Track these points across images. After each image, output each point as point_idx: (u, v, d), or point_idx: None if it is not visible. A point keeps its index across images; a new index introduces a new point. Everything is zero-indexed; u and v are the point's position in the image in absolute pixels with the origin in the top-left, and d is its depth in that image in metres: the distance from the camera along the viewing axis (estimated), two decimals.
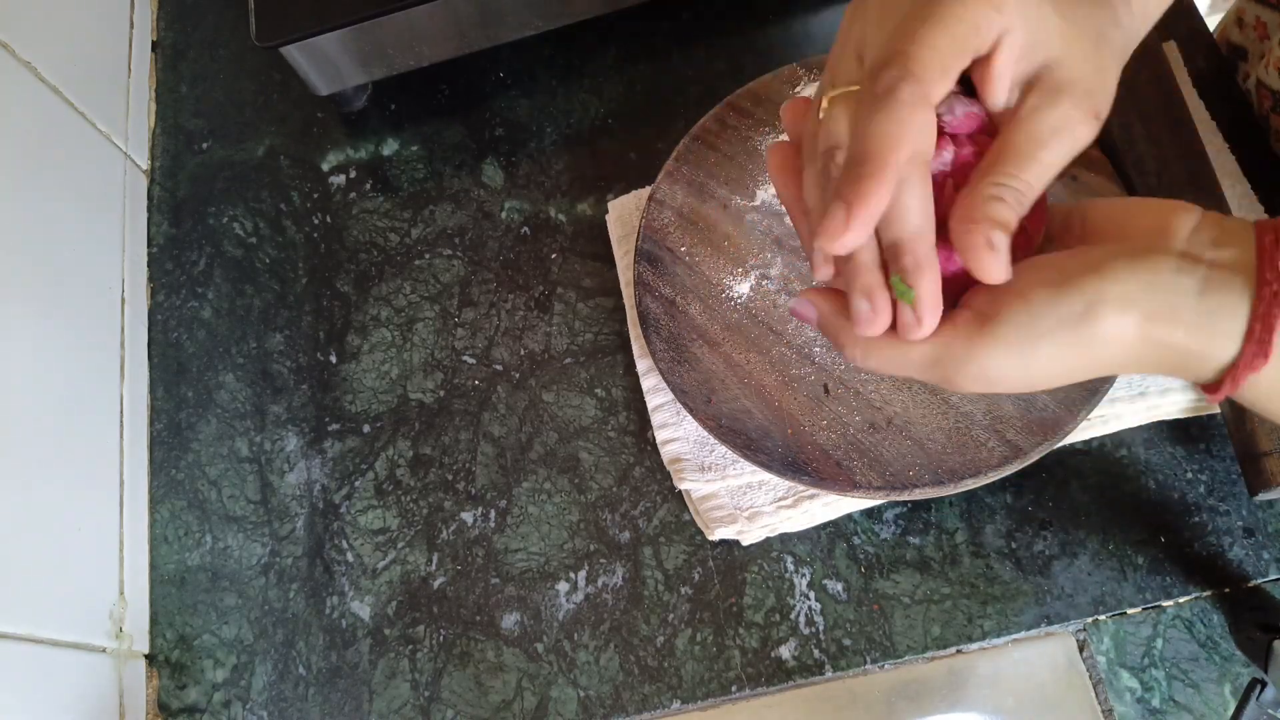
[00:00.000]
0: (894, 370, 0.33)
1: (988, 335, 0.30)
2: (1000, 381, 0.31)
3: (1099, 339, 0.29)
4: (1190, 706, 0.48)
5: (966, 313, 0.31)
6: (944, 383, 0.32)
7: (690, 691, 0.51)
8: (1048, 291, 0.29)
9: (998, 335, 0.30)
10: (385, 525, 0.57)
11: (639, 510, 0.55)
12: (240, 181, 0.67)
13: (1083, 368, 0.30)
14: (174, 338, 0.63)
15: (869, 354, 0.33)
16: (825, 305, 0.34)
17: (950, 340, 0.31)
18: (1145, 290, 0.29)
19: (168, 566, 0.58)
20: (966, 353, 0.30)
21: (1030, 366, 0.30)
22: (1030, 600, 0.50)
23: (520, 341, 0.60)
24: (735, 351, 0.53)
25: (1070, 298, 0.29)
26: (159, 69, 0.71)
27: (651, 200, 0.56)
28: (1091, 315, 0.29)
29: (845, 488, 0.48)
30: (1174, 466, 0.51)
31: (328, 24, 0.56)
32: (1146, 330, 0.29)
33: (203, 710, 0.54)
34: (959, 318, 0.31)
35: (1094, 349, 0.29)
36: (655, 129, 0.63)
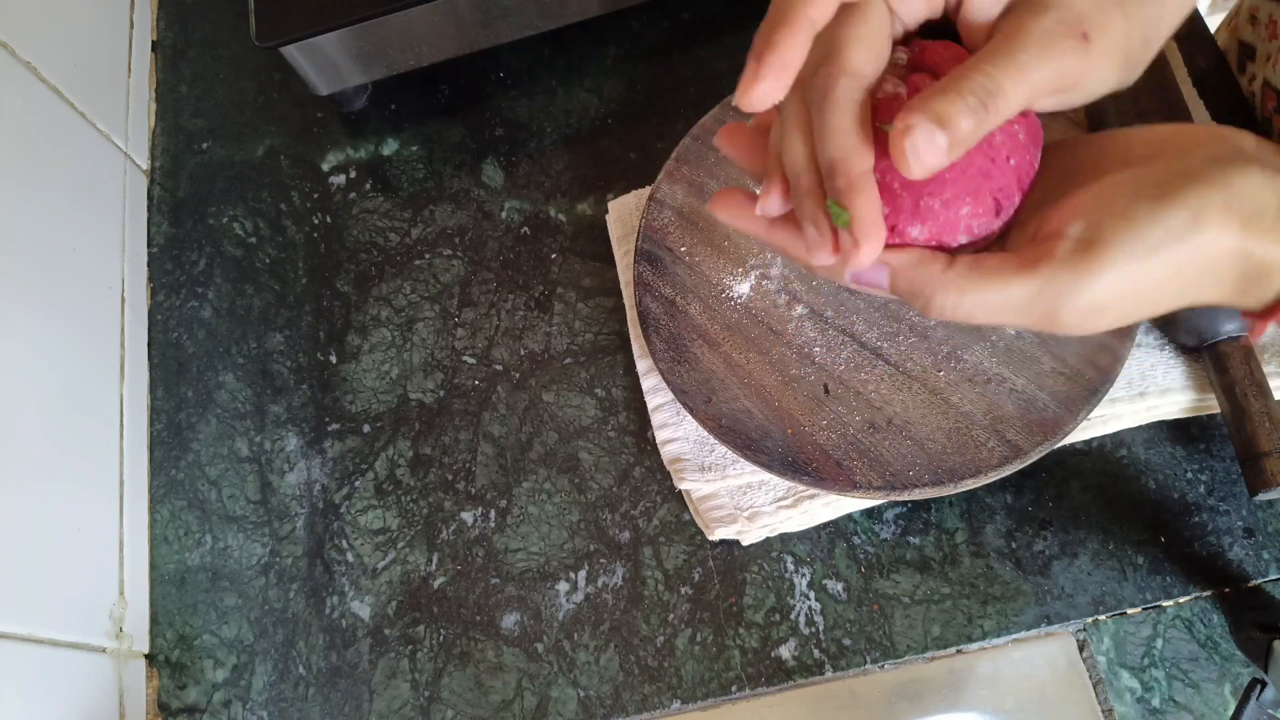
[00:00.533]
0: (993, 315, 0.30)
1: (1095, 259, 0.28)
2: (1110, 310, 0.29)
3: (1205, 249, 0.28)
4: (1190, 706, 0.48)
5: (1064, 242, 0.28)
6: (1048, 322, 0.29)
7: (690, 691, 0.51)
8: (1150, 205, 0.28)
9: (1106, 258, 0.28)
10: (385, 525, 0.57)
11: (639, 510, 0.55)
12: (240, 181, 0.67)
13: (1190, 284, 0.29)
14: (174, 338, 0.63)
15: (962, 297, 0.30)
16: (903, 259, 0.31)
17: (1055, 271, 0.28)
18: (1241, 197, 0.28)
19: (168, 566, 0.58)
20: (1074, 283, 0.28)
21: (1142, 288, 0.28)
22: (1030, 600, 0.50)
23: (520, 341, 0.60)
24: (735, 351, 0.53)
25: (1175, 209, 0.27)
26: (159, 69, 0.71)
27: (651, 200, 0.56)
28: (1199, 224, 0.27)
29: (845, 488, 0.48)
30: (1174, 466, 0.51)
31: (328, 24, 0.56)
32: (1243, 239, 0.28)
33: (203, 710, 0.54)
34: (1058, 248, 0.28)
35: (1201, 260, 0.28)
36: (655, 129, 0.63)
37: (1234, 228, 0.28)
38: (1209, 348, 0.49)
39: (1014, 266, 0.29)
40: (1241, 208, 0.28)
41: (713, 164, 0.57)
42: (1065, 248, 0.28)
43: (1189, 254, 0.28)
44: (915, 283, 0.31)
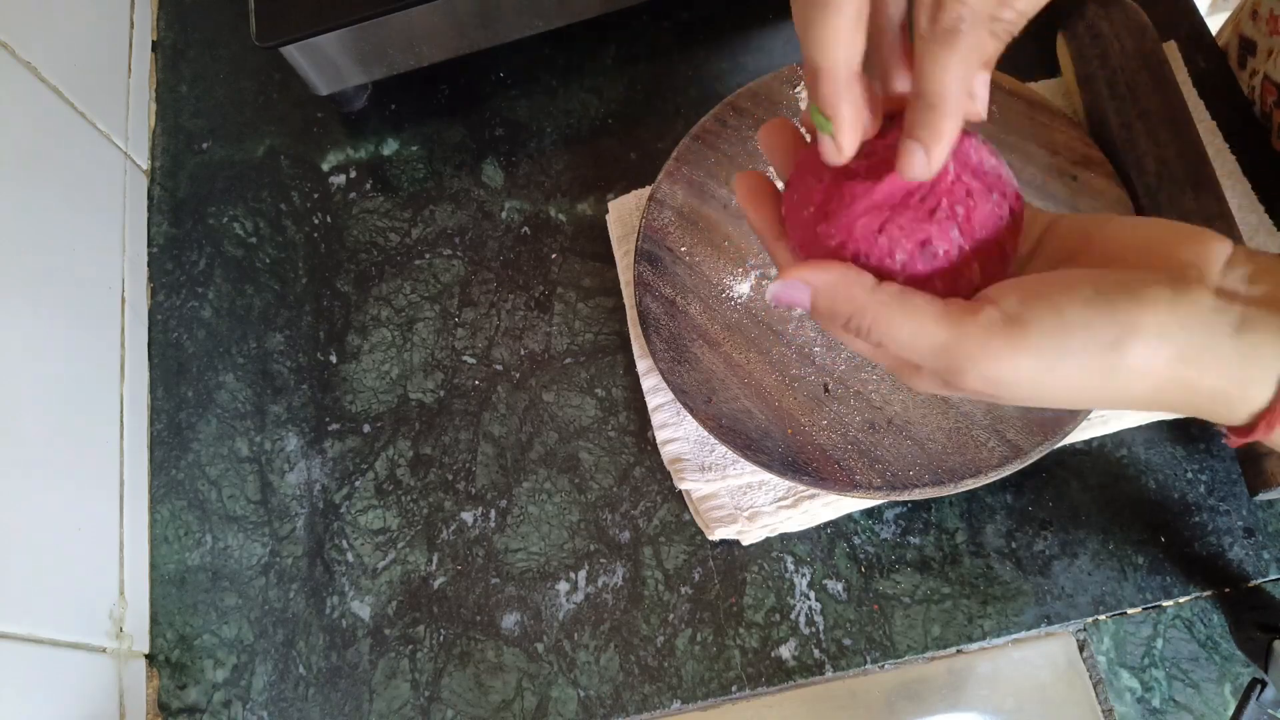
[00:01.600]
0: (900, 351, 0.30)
1: (1012, 338, 0.28)
2: (1009, 387, 0.29)
3: (1125, 370, 0.28)
4: (1190, 706, 0.48)
5: (992, 310, 0.29)
6: (949, 375, 0.30)
7: (690, 691, 0.51)
8: (1082, 309, 0.28)
9: (1023, 341, 0.28)
10: (385, 525, 0.57)
11: (639, 510, 0.55)
12: (240, 181, 0.67)
13: (1100, 395, 0.29)
14: (174, 338, 0.63)
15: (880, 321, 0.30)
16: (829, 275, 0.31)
17: (969, 332, 0.29)
18: (1182, 327, 0.27)
19: (168, 566, 0.58)
20: (983, 349, 0.29)
21: (1046, 380, 0.28)
22: (1030, 600, 0.50)
23: (520, 341, 0.60)
24: (735, 351, 0.53)
25: (1104, 320, 0.27)
26: (159, 69, 0.71)
27: (651, 200, 0.56)
28: (1123, 344, 0.27)
29: (845, 488, 0.48)
30: (1174, 466, 0.51)
31: (328, 24, 0.56)
32: (1177, 370, 0.27)
33: (203, 710, 0.54)
34: (983, 313, 0.29)
35: (1118, 379, 0.28)
36: (655, 129, 0.63)
37: (1166, 357, 0.27)
38: None
39: (937, 312, 0.29)
40: (1182, 339, 0.27)
41: (713, 164, 0.57)
42: (990, 315, 0.29)
43: (1107, 368, 0.28)
44: (838, 299, 0.31)
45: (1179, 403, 0.29)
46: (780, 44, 0.64)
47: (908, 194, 0.31)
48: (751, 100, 0.57)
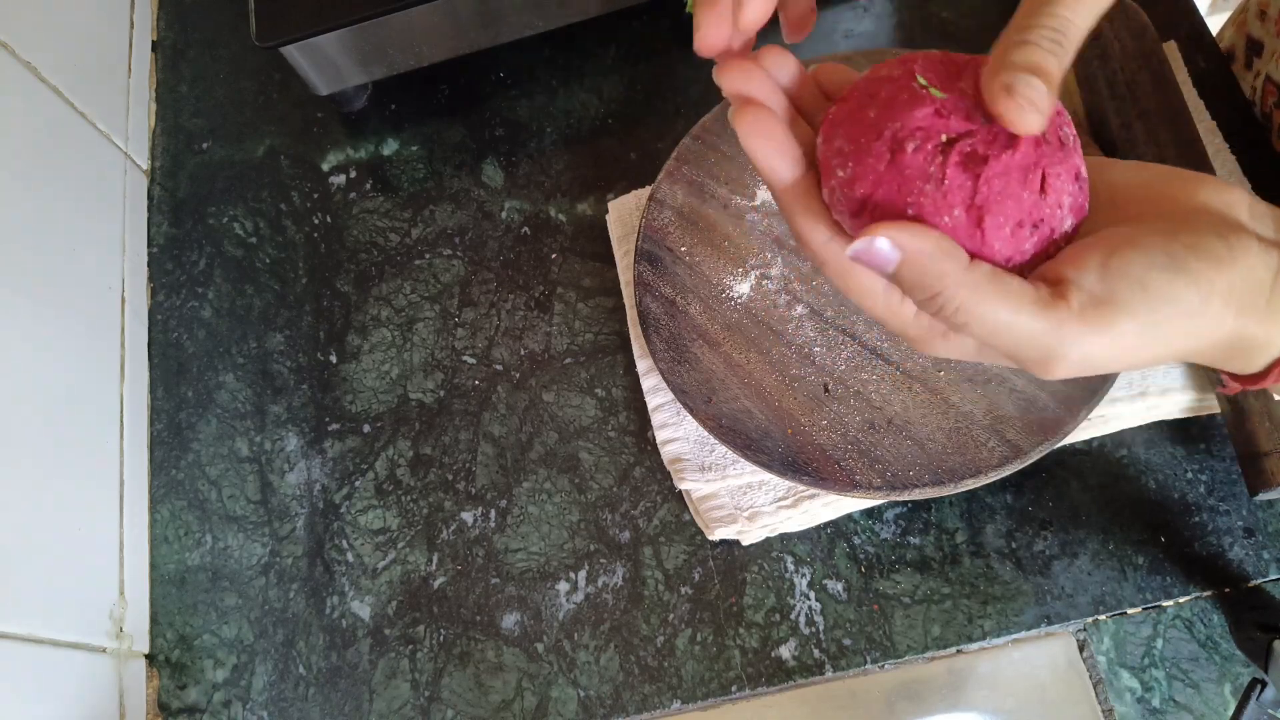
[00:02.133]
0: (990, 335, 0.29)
1: (1104, 320, 0.28)
2: (1101, 364, 0.29)
3: (1205, 328, 0.28)
4: (1190, 706, 0.48)
5: (1080, 294, 0.28)
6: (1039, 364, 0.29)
7: (690, 691, 0.51)
8: (1165, 277, 0.28)
9: (1115, 321, 0.28)
10: (385, 525, 0.57)
11: (639, 510, 0.55)
12: (240, 181, 0.67)
13: (1179, 354, 0.29)
14: (174, 338, 0.63)
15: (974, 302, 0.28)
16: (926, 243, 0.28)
17: (1063, 321, 0.28)
18: (1243, 280, 0.28)
19: (168, 566, 0.58)
20: (1080, 335, 0.28)
21: (1137, 352, 0.28)
22: (1030, 600, 0.50)
23: (520, 341, 0.60)
24: (735, 351, 0.53)
25: (1187, 288, 0.28)
26: (159, 69, 0.71)
27: (651, 200, 0.56)
28: (1206, 306, 0.28)
29: (845, 488, 0.48)
30: (1174, 466, 0.51)
31: (328, 24, 0.56)
32: (1238, 322, 0.28)
33: (203, 710, 0.54)
34: (1072, 298, 0.28)
35: (1198, 336, 0.28)
36: (655, 129, 0.63)
37: (1233, 311, 0.28)
38: None
39: (1031, 296, 0.28)
40: (1242, 292, 0.28)
41: (713, 164, 0.57)
42: (1079, 298, 0.28)
43: (1190, 330, 0.28)
44: (929, 273, 0.28)
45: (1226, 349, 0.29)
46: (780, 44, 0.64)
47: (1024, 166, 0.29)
48: None
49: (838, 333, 0.52)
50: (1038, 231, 0.30)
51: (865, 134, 0.30)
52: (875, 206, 0.30)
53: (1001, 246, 0.29)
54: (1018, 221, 0.29)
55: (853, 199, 0.30)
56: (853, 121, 0.31)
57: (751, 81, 0.32)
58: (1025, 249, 0.30)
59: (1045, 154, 0.29)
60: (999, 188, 0.29)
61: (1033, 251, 0.30)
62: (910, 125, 0.29)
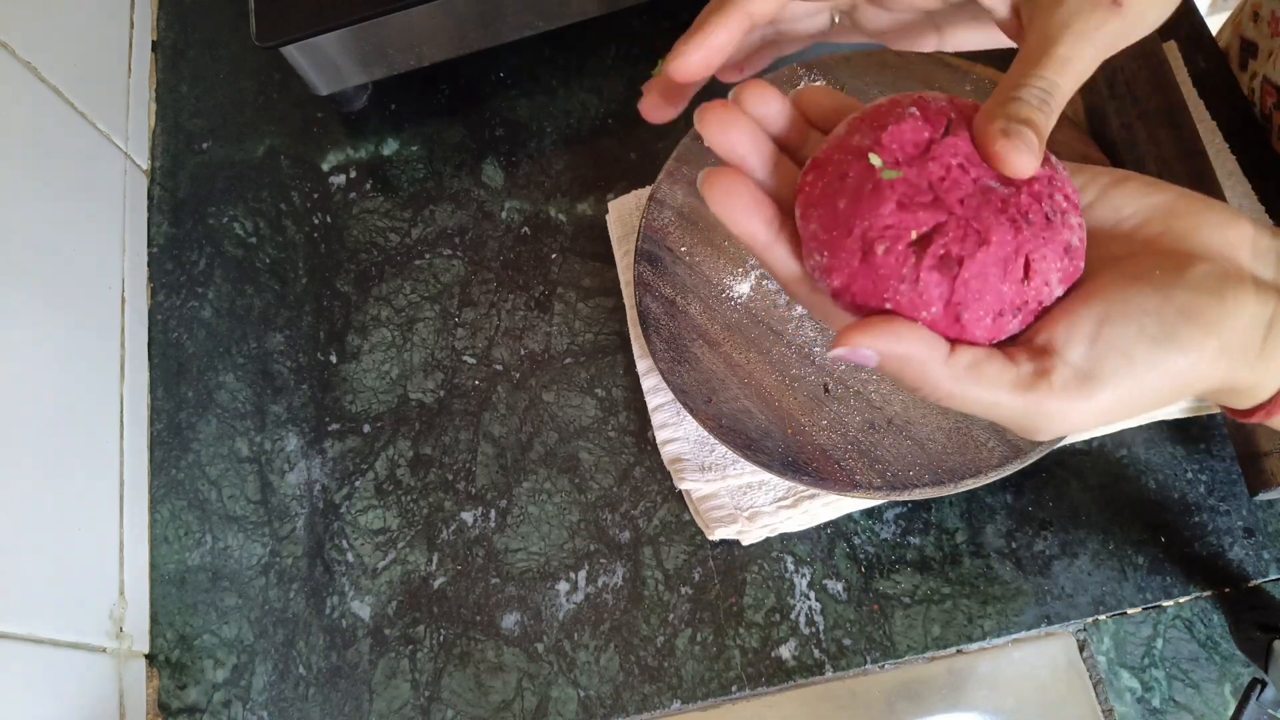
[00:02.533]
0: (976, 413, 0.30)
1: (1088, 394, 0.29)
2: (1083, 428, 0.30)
3: (1193, 386, 0.29)
4: (1190, 706, 0.48)
5: (1064, 369, 0.29)
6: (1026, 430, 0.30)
7: (690, 691, 0.51)
8: (1150, 347, 0.28)
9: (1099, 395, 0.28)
10: (385, 525, 0.57)
11: (639, 510, 0.55)
12: (240, 181, 0.67)
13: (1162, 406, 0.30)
14: (174, 338, 0.63)
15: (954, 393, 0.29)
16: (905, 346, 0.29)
17: (1046, 398, 0.29)
18: (1236, 336, 0.28)
19: (168, 566, 0.58)
20: (1063, 412, 0.29)
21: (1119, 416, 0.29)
22: (1030, 600, 0.50)
23: (520, 341, 0.60)
24: (735, 351, 0.53)
25: (1174, 356, 0.28)
26: (159, 69, 0.71)
27: (651, 200, 0.56)
28: (1194, 370, 0.28)
29: (845, 488, 0.48)
30: (1174, 466, 0.51)
31: (328, 24, 0.56)
32: (1227, 374, 0.29)
33: (203, 710, 0.54)
34: (1055, 374, 0.29)
35: (1184, 394, 0.29)
36: (655, 129, 0.63)
37: (1222, 368, 0.28)
38: None
39: (1010, 381, 0.29)
40: (1234, 348, 0.28)
41: (713, 164, 0.57)
42: (1063, 375, 0.29)
43: (1177, 391, 0.29)
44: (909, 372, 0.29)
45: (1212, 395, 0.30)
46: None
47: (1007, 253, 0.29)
48: None
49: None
50: (1021, 314, 0.30)
51: (837, 227, 0.30)
52: (853, 296, 0.30)
53: (983, 334, 0.29)
54: (998, 312, 0.29)
55: (830, 285, 0.30)
56: (824, 207, 0.31)
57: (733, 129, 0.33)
58: (1009, 329, 0.30)
59: (1027, 239, 0.29)
60: (976, 287, 0.29)
61: (1018, 330, 0.30)
62: (878, 224, 0.29)
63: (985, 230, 0.29)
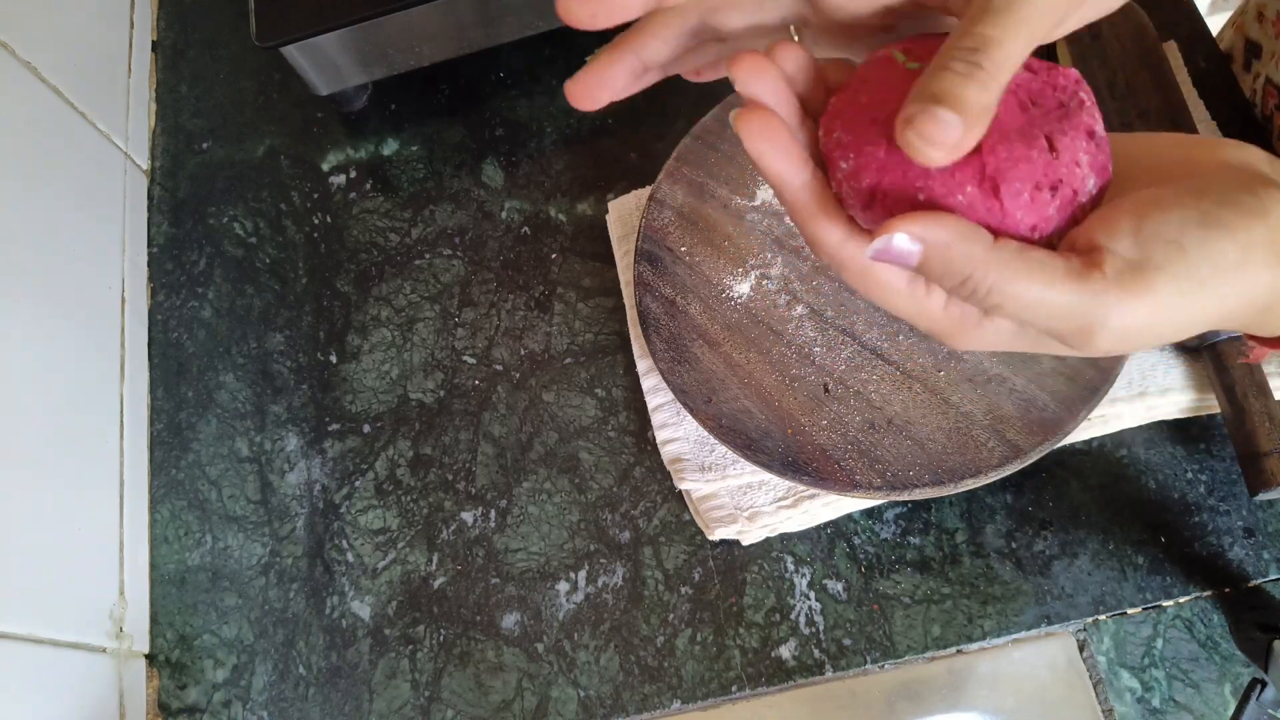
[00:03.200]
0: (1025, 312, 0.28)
1: (1143, 285, 0.27)
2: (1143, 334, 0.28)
3: (1247, 284, 0.27)
4: (1190, 706, 0.48)
5: (1115, 260, 0.27)
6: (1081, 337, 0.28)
7: (690, 691, 0.51)
8: (1200, 234, 0.27)
9: (1157, 285, 0.27)
10: (385, 525, 0.57)
11: (639, 510, 0.55)
12: (240, 181, 0.67)
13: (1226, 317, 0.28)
14: (174, 338, 0.63)
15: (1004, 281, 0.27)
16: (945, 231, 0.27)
17: (1101, 290, 0.27)
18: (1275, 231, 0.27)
19: (168, 566, 0.58)
20: (1120, 302, 0.27)
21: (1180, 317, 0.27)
22: (1030, 600, 0.50)
23: (520, 341, 0.60)
24: (735, 351, 0.53)
25: (1224, 243, 0.27)
26: (159, 69, 0.71)
27: (651, 200, 0.56)
28: (1246, 260, 0.27)
29: (845, 488, 0.48)
30: (1174, 466, 0.51)
31: (328, 24, 0.56)
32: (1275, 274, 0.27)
33: (203, 710, 0.54)
34: (1108, 265, 0.27)
35: (1241, 294, 0.28)
36: (655, 129, 0.63)
37: (1273, 262, 0.27)
38: (1209, 347, 0.49)
39: (1063, 269, 0.27)
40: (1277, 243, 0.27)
41: (713, 164, 0.57)
42: (1115, 265, 0.27)
43: (1233, 288, 0.27)
44: (955, 259, 0.27)
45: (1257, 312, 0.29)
46: None
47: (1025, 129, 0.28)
48: None
49: (838, 333, 0.52)
50: (1058, 194, 0.28)
51: (860, 122, 0.29)
52: (884, 195, 0.29)
53: (1024, 215, 0.28)
54: (1035, 185, 0.28)
55: (860, 191, 0.29)
56: (848, 111, 0.30)
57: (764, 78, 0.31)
58: (1049, 214, 0.28)
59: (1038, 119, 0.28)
60: (1005, 154, 0.28)
61: (1058, 218, 0.28)
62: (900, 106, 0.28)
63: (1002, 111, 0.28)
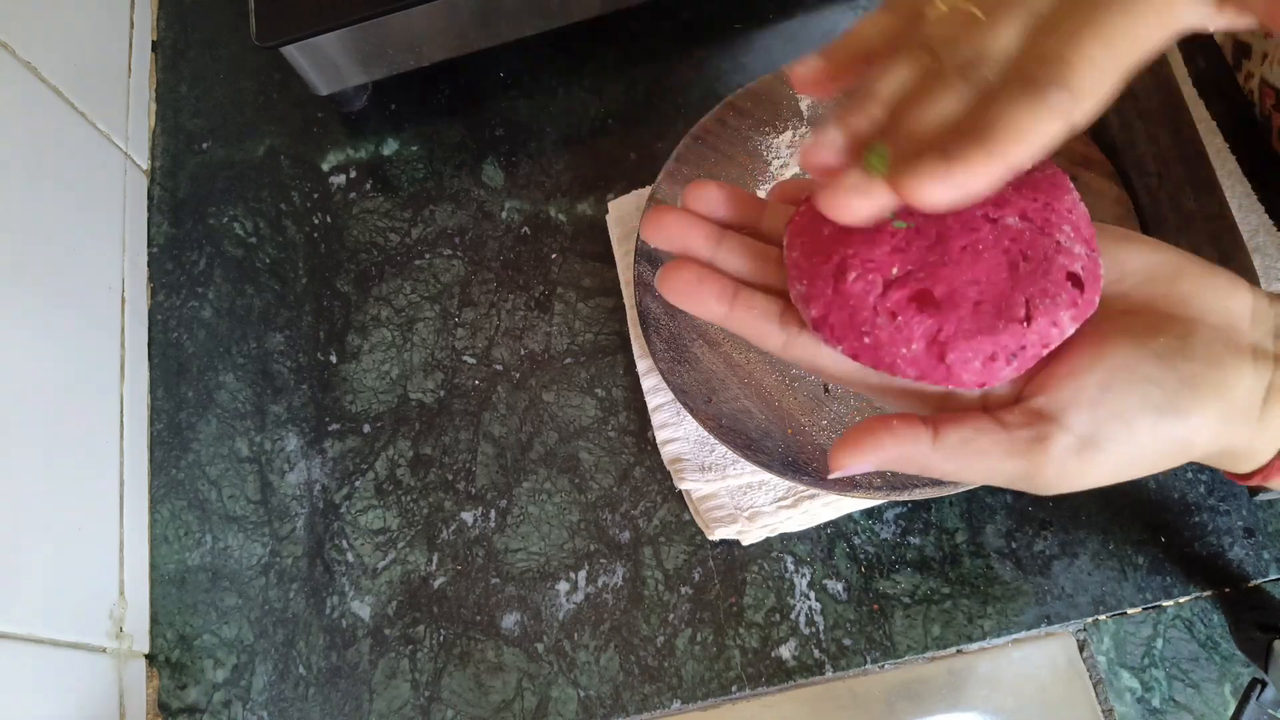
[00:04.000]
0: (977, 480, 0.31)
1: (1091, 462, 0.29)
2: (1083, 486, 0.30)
3: (1189, 454, 0.29)
4: (1190, 706, 0.48)
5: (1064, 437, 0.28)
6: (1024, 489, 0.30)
7: (690, 691, 0.51)
8: (1154, 417, 0.28)
9: (1101, 463, 0.29)
10: (385, 525, 0.57)
11: (639, 510, 0.55)
12: (240, 181, 0.67)
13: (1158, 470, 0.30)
14: (174, 338, 0.63)
15: (949, 469, 0.30)
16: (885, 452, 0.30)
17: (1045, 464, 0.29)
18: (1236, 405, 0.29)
19: (168, 566, 0.58)
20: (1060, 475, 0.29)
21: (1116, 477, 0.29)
22: (1030, 600, 0.50)
23: (520, 341, 0.60)
24: (735, 351, 0.53)
25: (1177, 425, 0.28)
26: (159, 69, 0.71)
27: (651, 200, 0.56)
28: (1194, 438, 0.29)
29: (845, 488, 0.48)
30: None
31: (328, 24, 0.56)
32: (1225, 439, 0.29)
33: (203, 710, 0.54)
34: (1055, 441, 0.28)
35: (1181, 458, 0.29)
36: (655, 129, 0.63)
37: (1221, 435, 0.29)
38: None
39: (1005, 450, 0.29)
40: (1233, 415, 0.29)
41: (713, 164, 0.57)
42: (1062, 443, 0.28)
43: (1175, 456, 0.29)
44: (903, 465, 0.30)
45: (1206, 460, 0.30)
46: (780, 44, 0.64)
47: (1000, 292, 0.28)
48: (752, 100, 0.57)
49: None
50: (1019, 358, 0.28)
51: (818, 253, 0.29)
52: (831, 328, 0.29)
53: (972, 378, 0.28)
54: (989, 355, 0.28)
55: (809, 316, 0.29)
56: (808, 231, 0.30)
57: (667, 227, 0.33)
58: (1003, 375, 0.28)
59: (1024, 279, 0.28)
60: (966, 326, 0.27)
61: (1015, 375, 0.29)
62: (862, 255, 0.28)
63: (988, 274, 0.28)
